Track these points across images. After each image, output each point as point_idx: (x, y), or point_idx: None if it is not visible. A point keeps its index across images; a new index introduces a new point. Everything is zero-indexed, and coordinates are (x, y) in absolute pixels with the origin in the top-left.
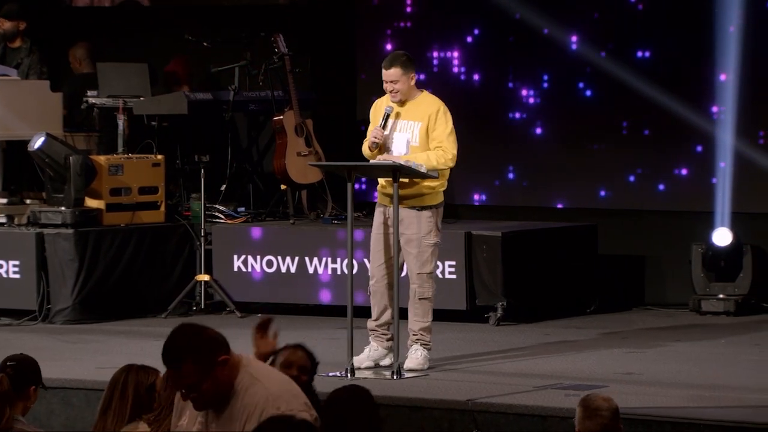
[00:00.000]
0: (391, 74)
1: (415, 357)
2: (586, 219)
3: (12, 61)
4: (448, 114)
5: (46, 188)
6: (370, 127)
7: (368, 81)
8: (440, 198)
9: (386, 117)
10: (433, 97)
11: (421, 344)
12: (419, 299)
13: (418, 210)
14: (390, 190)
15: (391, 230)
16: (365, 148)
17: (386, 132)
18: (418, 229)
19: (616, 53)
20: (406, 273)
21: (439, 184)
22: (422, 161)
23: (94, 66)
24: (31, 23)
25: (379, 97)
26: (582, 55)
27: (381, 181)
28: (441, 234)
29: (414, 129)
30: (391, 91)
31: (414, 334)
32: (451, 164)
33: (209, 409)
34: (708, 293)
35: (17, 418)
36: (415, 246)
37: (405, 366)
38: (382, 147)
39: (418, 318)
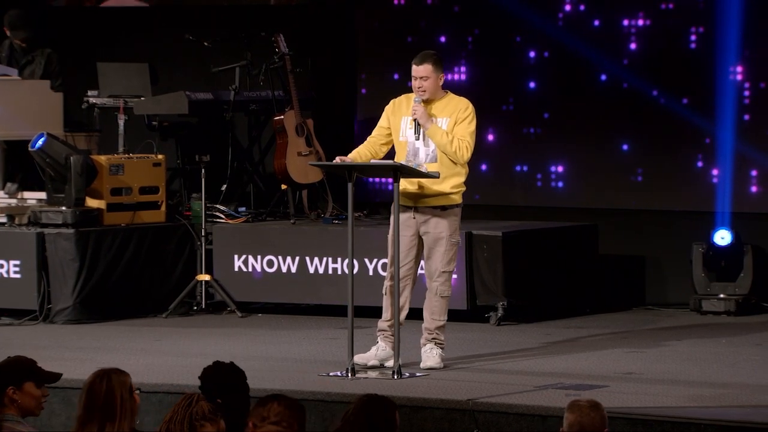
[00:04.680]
0: (421, 70)
1: (433, 356)
2: (587, 219)
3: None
4: (474, 114)
5: (46, 188)
6: (381, 120)
7: (368, 80)
8: (461, 198)
9: (416, 123)
10: (461, 97)
11: (436, 343)
12: (441, 297)
13: (445, 209)
14: (412, 189)
15: (415, 231)
16: (361, 153)
17: (418, 137)
18: (445, 228)
19: (615, 53)
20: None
21: (462, 185)
22: (445, 140)
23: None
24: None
25: (396, 98)
26: (585, 55)
27: (404, 182)
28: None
29: (443, 125)
30: (419, 88)
31: (430, 333)
32: (465, 159)
33: None
34: (709, 293)
35: (16, 419)
36: (443, 244)
37: (424, 365)
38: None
39: (435, 316)
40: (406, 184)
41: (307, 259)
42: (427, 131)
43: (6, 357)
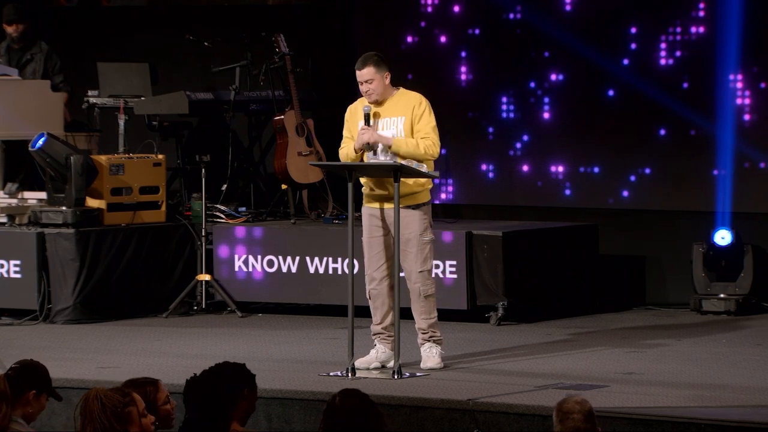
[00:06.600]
0: (364, 74)
1: (432, 355)
2: (587, 219)
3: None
4: (430, 106)
5: (47, 188)
6: (345, 131)
7: None
8: (429, 196)
9: (367, 117)
10: (412, 92)
11: (434, 341)
12: (425, 297)
13: (412, 209)
14: (379, 191)
15: (386, 231)
16: (348, 151)
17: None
18: (414, 227)
19: (615, 53)
20: (403, 274)
21: (428, 182)
22: (411, 148)
23: None
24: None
25: (353, 102)
26: (585, 55)
27: (367, 182)
28: (433, 231)
29: (398, 124)
30: (366, 92)
31: (424, 332)
32: (436, 156)
33: None
34: (709, 293)
35: (17, 420)
36: (414, 245)
37: (424, 366)
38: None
39: (425, 316)
40: (373, 185)
41: (307, 259)
42: (392, 149)
43: (30, 359)
